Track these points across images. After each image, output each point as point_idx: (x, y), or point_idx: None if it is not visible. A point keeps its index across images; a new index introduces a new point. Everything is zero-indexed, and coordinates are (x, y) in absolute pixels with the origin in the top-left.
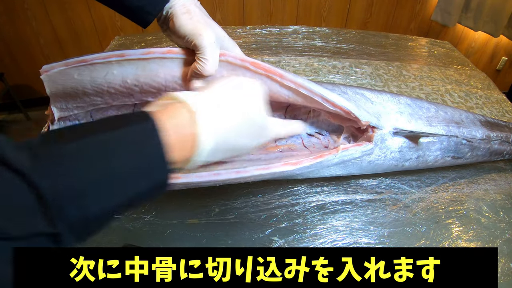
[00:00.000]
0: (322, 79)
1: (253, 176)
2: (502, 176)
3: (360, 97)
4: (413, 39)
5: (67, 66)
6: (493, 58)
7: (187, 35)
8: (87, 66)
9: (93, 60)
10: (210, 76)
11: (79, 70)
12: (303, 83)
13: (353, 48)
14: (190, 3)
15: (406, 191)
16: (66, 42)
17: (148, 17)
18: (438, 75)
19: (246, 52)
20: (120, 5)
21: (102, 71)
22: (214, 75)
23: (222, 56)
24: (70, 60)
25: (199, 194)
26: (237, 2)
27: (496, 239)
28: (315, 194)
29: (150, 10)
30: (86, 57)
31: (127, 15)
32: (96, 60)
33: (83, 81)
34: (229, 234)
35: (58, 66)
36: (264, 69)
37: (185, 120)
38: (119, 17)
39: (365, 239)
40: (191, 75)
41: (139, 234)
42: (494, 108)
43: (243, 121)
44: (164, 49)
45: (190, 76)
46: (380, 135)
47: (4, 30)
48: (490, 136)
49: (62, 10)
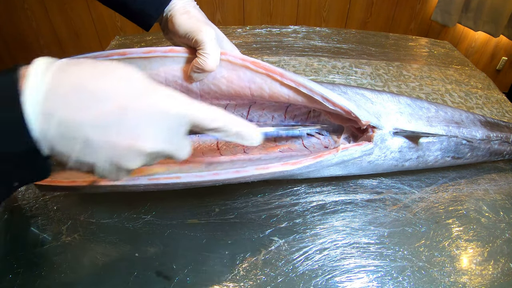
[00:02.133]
0: (322, 79)
1: (252, 175)
2: (502, 176)
3: (360, 97)
4: (413, 39)
5: None
6: (493, 58)
7: (187, 33)
8: None
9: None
10: (211, 72)
11: None
12: (304, 82)
13: (353, 48)
14: (189, 5)
15: (406, 191)
16: (66, 42)
17: (150, 20)
18: (438, 75)
19: (246, 52)
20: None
21: None
22: (215, 73)
23: (223, 55)
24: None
25: (199, 194)
26: (237, 2)
27: (496, 239)
28: (315, 194)
29: (151, 13)
30: (88, 55)
31: (130, 17)
32: (97, 59)
33: None
34: (229, 234)
35: None
36: (265, 68)
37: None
38: (119, 17)
39: (365, 239)
40: (192, 70)
41: (139, 234)
42: (494, 108)
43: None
44: (166, 48)
45: (190, 71)
46: (380, 135)
47: (4, 30)
48: (490, 136)
49: (62, 10)
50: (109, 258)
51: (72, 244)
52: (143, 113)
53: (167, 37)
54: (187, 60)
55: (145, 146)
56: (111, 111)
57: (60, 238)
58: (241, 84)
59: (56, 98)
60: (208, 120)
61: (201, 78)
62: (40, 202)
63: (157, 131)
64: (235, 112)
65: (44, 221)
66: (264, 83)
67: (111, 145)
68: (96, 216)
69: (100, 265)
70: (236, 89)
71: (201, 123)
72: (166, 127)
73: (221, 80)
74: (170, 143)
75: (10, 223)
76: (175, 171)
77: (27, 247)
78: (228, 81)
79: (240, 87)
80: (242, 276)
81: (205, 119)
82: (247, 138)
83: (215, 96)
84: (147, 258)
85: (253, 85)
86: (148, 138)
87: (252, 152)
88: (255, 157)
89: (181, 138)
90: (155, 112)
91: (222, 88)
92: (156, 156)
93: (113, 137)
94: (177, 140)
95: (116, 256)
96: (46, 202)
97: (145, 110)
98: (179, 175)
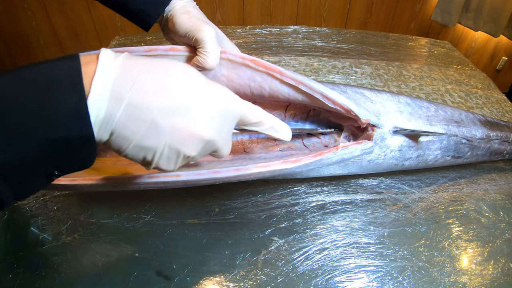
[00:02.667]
0: (322, 79)
1: (252, 174)
2: (502, 176)
3: (360, 96)
4: (413, 39)
5: None
6: (493, 58)
7: (187, 32)
8: None
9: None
10: (211, 70)
11: None
12: (303, 80)
13: (353, 48)
14: (189, 5)
15: (406, 191)
16: (66, 42)
17: (150, 20)
18: (438, 75)
19: (246, 52)
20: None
21: None
22: (215, 71)
23: (223, 54)
24: None
25: (199, 194)
26: (237, 2)
27: (496, 239)
28: (315, 194)
29: (151, 13)
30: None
31: (130, 18)
32: None
33: None
34: (229, 234)
35: None
36: (264, 66)
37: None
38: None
39: (365, 239)
40: None
41: (139, 234)
42: (494, 108)
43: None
44: (167, 47)
45: None
46: (380, 134)
47: (4, 30)
48: (490, 136)
49: (62, 10)
50: (109, 258)
51: (72, 244)
52: (204, 104)
53: (167, 37)
54: (187, 59)
55: (204, 134)
56: (178, 98)
57: (60, 238)
58: (241, 83)
59: (126, 83)
60: (252, 115)
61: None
62: (40, 202)
63: (214, 122)
64: None
65: (44, 221)
66: (264, 82)
67: (175, 130)
68: (96, 216)
69: (100, 265)
70: (236, 88)
71: (247, 117)
72: (221, 119)
73: (221, 78)
74: (221, 136)
75: (10, 223)
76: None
77: (27, 247)
78: (228, 80)
79: (240, 86)
80: (242, 276)
81: (250, 114)
82: (281, 131)
83: None
84: (147, 258)
85: (253, 83)
86: (207, 127)
87: (252, 151)
88: (255, 156)
89: (229, 132)
90: (214, 104)
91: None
92: (208, 148)
93: (178, 122)
94: (225, 134)
95: (116, 256)
96: (46, 202)
97: (206, 101)
98: (179, 173)
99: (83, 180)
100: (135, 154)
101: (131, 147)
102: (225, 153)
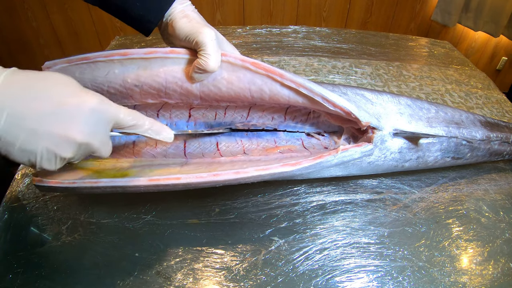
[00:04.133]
0: (322, 79)
1: (252, 176)
2: (502, 176)
3: (360, 98)
4: (413, 39)
5: (70, 63)
6: (493, 58)
7: (188, 35)
8: (89, 64)
9: (95, 58)
10: (213, 72)
11: (80, 68)
12: (304, 82)
13: (353, 48)
14: (188, 9)
15: (406, 191)
16: (66, 42)
17: (150, 25)
18: (438, 75)
19: (246, 52)
20: (123, 14)
21: (103, 70)
22: (215, 74)
23: (224, 56)
24: (73, 57)
25: (199, 194)
26: (237, 2)
27: (496, 239)
28: (315, 194)
29: (151, 18)
30: (89, 55)
31: (130, 23)
32: (98, 58)
33: (83, 80)
34: (229, 234)
35: (61, 62)
36: (265, 69)
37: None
38: None
39: (365, 239)
40: (194, 71)
41: (139, 234)
42: (494, 108)
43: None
44: (167, 49)
45: (192, 72)
46: (380, 136)
47: (4, 30)
48: (490, 137)
49: (62, 10)
50: (109, 258)
51: (72, 244)
52: (75, 109)
53: (167, 42)
54: (187, 62)
55: (76, 137)
56: (51, 105)
57: (60, 238)
58: (241, 86)
59: (6, 96)
60: (126, 118)
61: (202, 78)
62: (40, 202)
63: (86, 125)
64: (235, 114)
65: (44, 221)
66: (264, 84)
67: (50, 135)
68: (96, 216)
69: (100, 265)
70: (236, 91)
71: (121, 121)
72: (93, 122)
73: (221, 81)
74: (95, 138)
75: (10, 223)
76: (175, 172)
77: (27, 247)
78: (228, 83)
79: (240, 89)
80: (242, 276)
81: (124, 118)
82: (161, 133)
83: (215, 98)
84: (147, 258)
85: (253, 86)
86: (79, 130)
87: (252, 153)
88: (255, 158)
89: (105, 135)
90: (85, 108)
91: (222, 89)
92: (84, 149)
93: (52, 128)
94: (101, 136)
95: (116, 256)
96: (46, 202)
97: (77, 106)
98: (179, 176)
99: (83, 183)
100: (21, 157)
101: (16, 151)
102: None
